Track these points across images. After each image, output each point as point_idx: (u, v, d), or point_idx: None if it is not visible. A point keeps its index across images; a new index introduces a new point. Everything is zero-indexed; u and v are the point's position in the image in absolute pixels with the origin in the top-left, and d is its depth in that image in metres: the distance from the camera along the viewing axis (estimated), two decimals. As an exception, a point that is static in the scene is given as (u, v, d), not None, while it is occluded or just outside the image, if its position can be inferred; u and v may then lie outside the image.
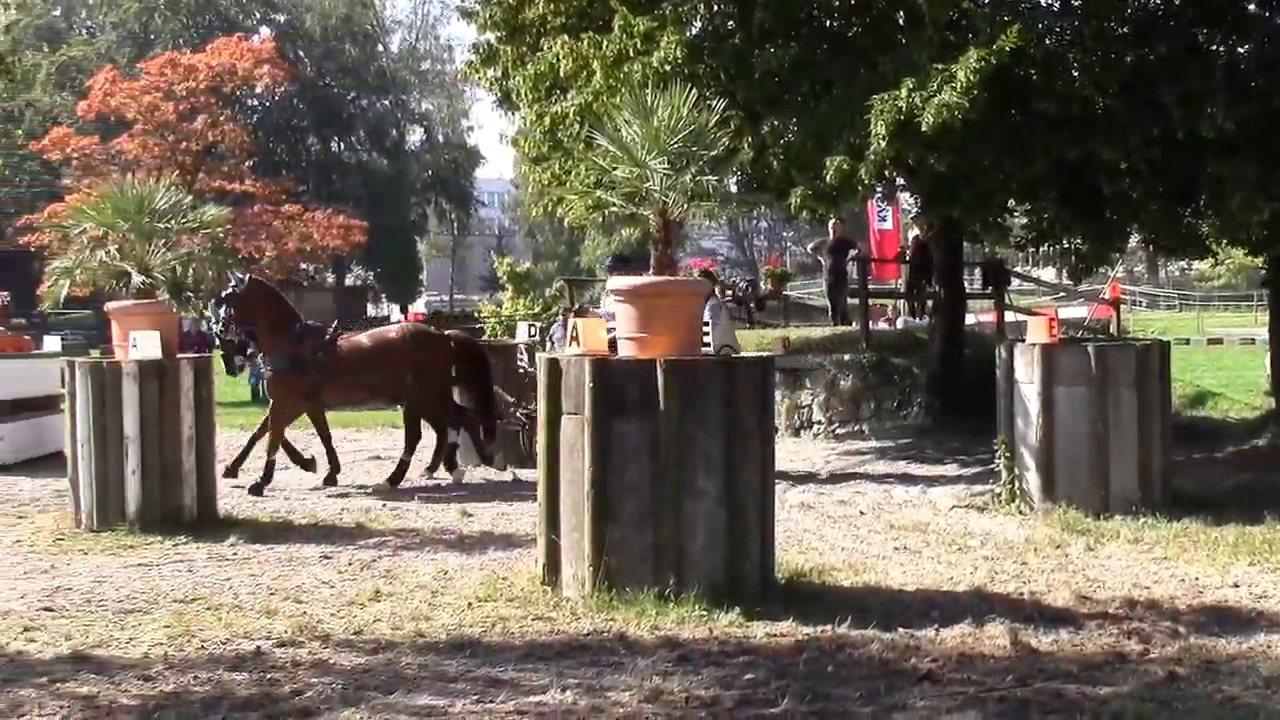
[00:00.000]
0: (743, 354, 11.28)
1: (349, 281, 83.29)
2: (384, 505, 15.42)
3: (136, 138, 50.12)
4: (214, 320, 17.09)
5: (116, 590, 10.90)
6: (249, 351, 17.63)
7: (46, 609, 10.21)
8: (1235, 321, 50.32)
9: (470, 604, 9.97)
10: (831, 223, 26.08)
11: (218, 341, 17.85)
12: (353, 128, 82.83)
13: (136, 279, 14.48)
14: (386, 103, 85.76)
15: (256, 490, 16.31)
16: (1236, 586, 10.65)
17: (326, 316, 22.03)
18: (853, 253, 27.16)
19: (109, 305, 14.72)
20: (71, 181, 50.32)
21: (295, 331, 16.97)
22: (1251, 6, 17.78)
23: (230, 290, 16.46)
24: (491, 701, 7.53)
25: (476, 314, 41.06)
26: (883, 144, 15.01)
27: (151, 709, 7.52)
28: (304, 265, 59.30)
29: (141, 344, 13.88)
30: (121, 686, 8.00)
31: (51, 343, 24.83)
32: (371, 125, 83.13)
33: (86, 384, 13.90)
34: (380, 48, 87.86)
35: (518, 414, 18.34)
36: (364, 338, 17.62)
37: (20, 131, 57.58)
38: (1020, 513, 14.09)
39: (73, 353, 22.40)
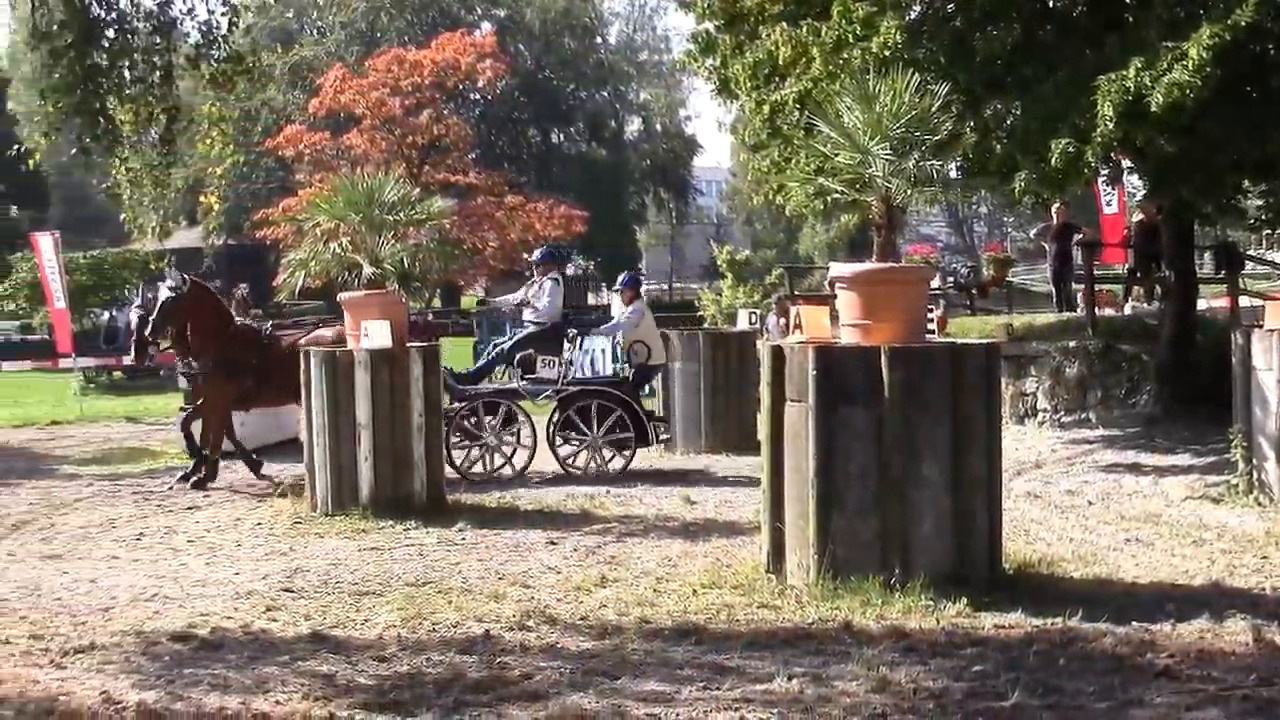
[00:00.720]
0: (971, 341, 11.07)
1: (569, 271, 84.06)
2: (608, 492, 15.50)
3: (365, 133, 51.25)
4: (139, 319, 17.35)
5: (351, 573, 11.18)
6: None
7: (286, 590, 10.51)
8: None
9: (695, 591, 9.98)
10: (1055, 207, 25.56)
11: (134, 337, 17.95)
12: (572, 119, 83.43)
13: (368, 270, 14.76)
14: (605, 94, 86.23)
15: (200, 485, 16.60)
16: None
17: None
18: (1077, 237, 26.55)
19: (342, 296, 15.03)
20: (304, 177, 51.61)
21: (229, 334, 17.04)
22: None
23: (171, 293, 16.65)
24: (718, 689, 7.52)
25: (696, 302, 41.18)
26: (1109, 125, 14.60)
27: (387, 689, 7.68)
28: (525, 255, 59.90)
29: (373, 333, 14.15)
30: (358, 666, 8.19)
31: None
32: (590, 116, 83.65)
33: (321, 373, 14.22)
34: (598, 40, 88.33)
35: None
36: (301, 339, 17.09)
37: (258, 129, 59.12)
38: (1259, 504, 13.57)
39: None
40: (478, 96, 75.98)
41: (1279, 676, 7.70)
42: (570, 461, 17.19)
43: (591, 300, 79.43)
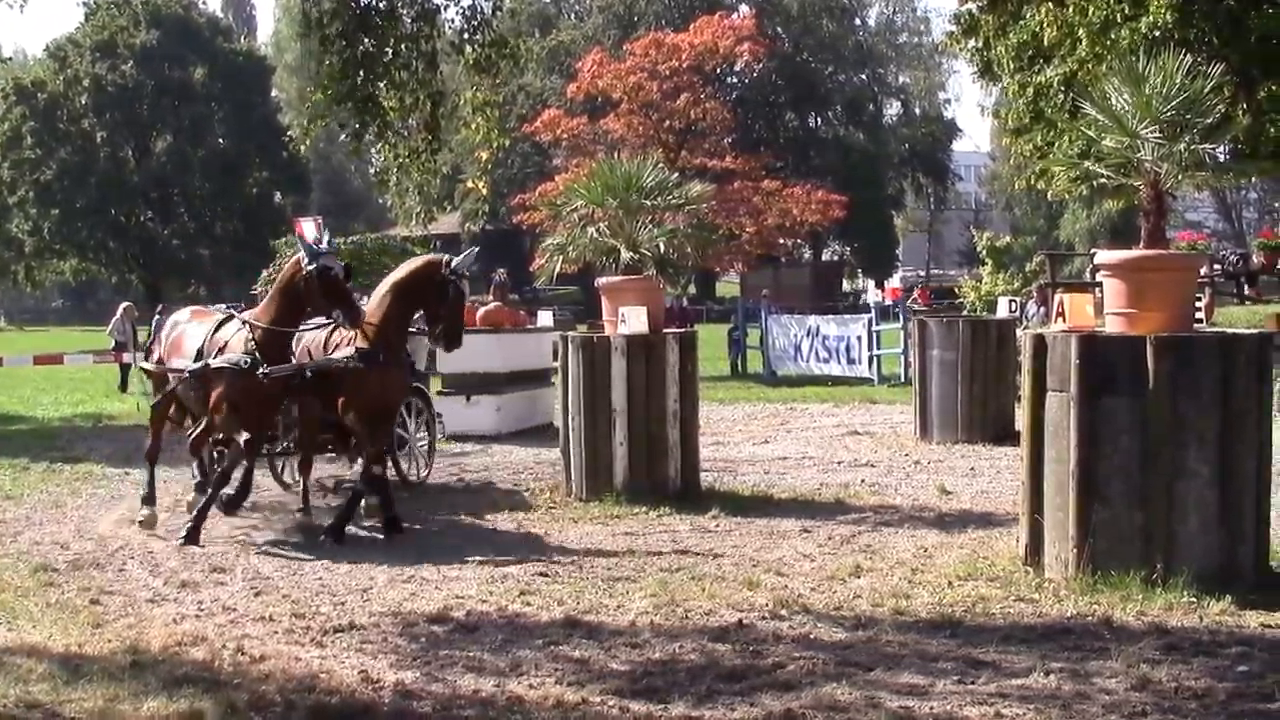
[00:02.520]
0: (1241, 331, 10.79)
1: (825, 256, 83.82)
2: (862, 481, 15.47)
3: (622, 117, 51.66)
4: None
5: (605, 558, 11.33)
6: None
7: (541, 574, 10.70)
8: None
9: (950, 583, 9.93)
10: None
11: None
12: (829, 102, 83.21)
13: (625, 255, 14.91)
14: (863, 77, 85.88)
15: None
16: None
17: (802, 292, 22.12)
18: None
19: (599, 281, 15.21)
20: (561, 161, 52.36)
21: None
22: None
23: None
24: (973, 682, 7.49)
25: (957, 289, 40.74)
26: (1393, 105, 14.11)
27: (640, 675, 7.79)
28: (782, 240, 59.92)
29: (630, 319, 14.30)
30: (612, 652, 8.32)
31: (544, 318, 25.84)
32: (848, 100, 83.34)
33: (578, 358, 14.43)
34: (857, 22, 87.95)
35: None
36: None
37: (516, 114, 60.17)
38: None
39: (564, 328, 23.33)
40: (735, 80, 76.38)
41: None
42: None
43: (846, 287, 79.16)
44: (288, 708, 7.39)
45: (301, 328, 13.09)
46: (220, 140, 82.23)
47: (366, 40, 12.53)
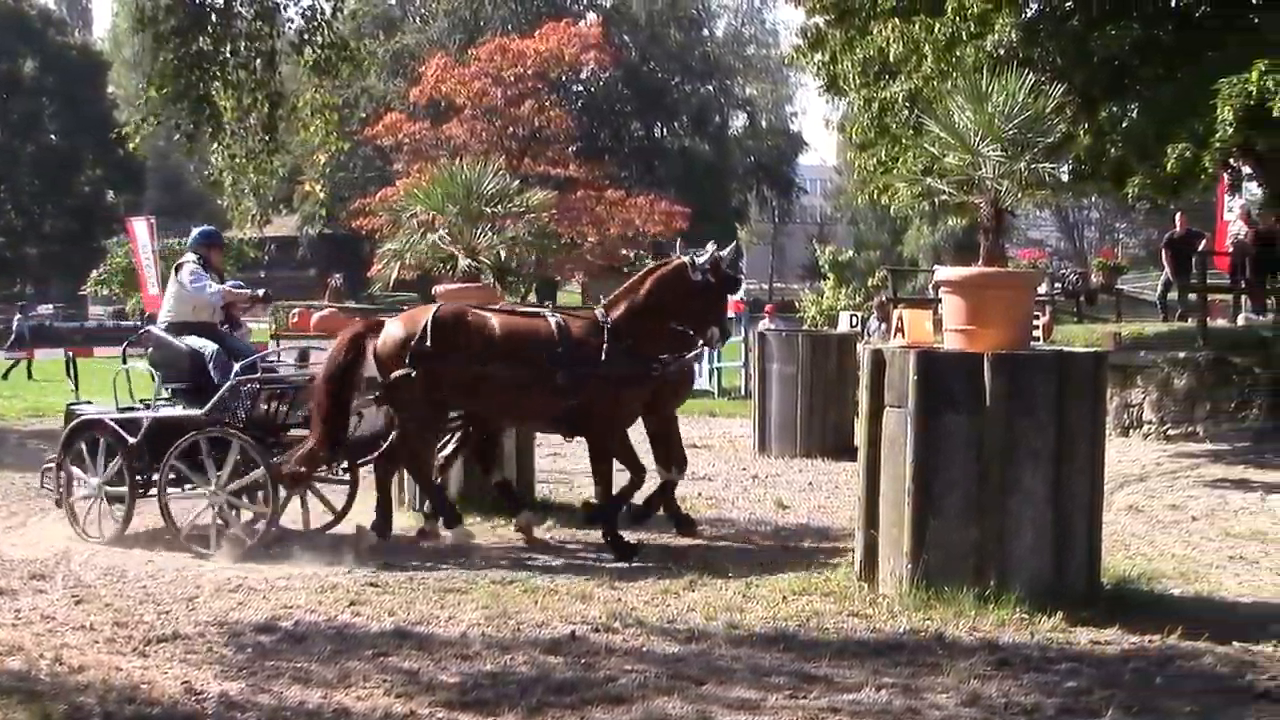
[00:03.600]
0: (1077, 349, 11.01)
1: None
2: (699, 495, 15.50)
3: (465, 123, 51.57)
4: None
5: (437, 569, 11.28)
6: None
7: (372, 584, 10.63)
8: None
9: (785, 597, 10.00)
10: (1177, 214, 25.32)
11: None
12: (676, 113, 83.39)
13: (463, 262, 14.84)
14: (710, 88, 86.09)
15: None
16: None
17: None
18: (1202, 244, 26.23)
19: (437, 288, 15.13)
20: (402, 166, 52.04)
21: None
22: None
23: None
24: (805, 697, 7.53)
25: (796, 304, 41.11)
26: (1229, 130, 14.46)
27: (470, 687, 7.73)
28: (624, 251, 60.09)
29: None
30: (442, 663, 8.27)
31: (379, 323, 25.56)
32: (694, 110, 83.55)
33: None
34: (705, 32, 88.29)
35: None
36: None
37: (361, 116, 59.68)
38: (1372, 525, 13.44)
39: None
40: (581, 88, 76.27)
41: (1386, 703, 7.61)
42: None
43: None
44: (107, 719, 7.23)
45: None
46: (52, 136, 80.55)
47: (202, 38, 12.36)
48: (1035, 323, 11.02)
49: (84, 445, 12.73)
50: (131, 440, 12.38)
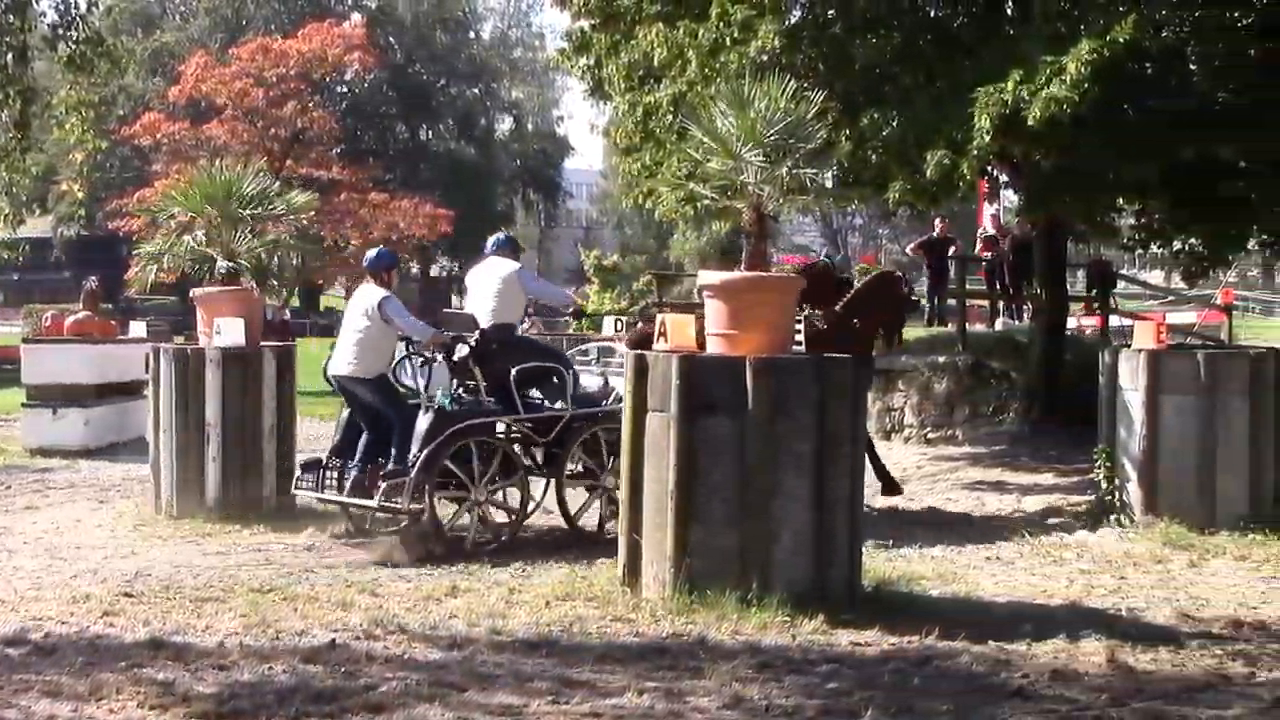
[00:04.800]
0: (838, 354, 11.19)
1: (434, 272, 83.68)
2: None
3: (226, 123, 50.81)
4: None
5: (194, 578, 11.05)
6: None
7: (126, 594, 10.35)
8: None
9: (548, 602, 9.98)
10: (937, 220, 25.88)
11: None
12: (441, 116, 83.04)
13: (222, 265, 14.62)
14: (476, 91, 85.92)
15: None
16: (1349, 607, 10.48)
17: (410, 307, 22.00)
18: (952, 250, 26.83)
19: (194, 291, 14.88)
20: (161, 167, 51.02)
21: None
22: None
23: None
24: (567, 702, 7.52)
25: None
26: (986, 138, 14.78)
27: (227, 697, 7.57)
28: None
29: (226, 331, 14.01)
30: (198, 674, 8.07)
31: (137, 328, 25.08)
32: (460, 113, 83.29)
33: (170, 370, 14.08)
34: (471, 35, 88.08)
35: None
36: None
37: (119, 114, 58.24)
38: (1120, 525, 13.89)
39: (159, 339, 22.71)
40: (345, 89, 75.51)
41: (1131, 698, 7.88)
42: None
43: (455, 303, 79.00)
44: None
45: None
46: None
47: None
48: (798, 328, 11.14)
49: None
50: None
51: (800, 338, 11.68)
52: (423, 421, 12.59)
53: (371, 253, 13.96)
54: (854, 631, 9.17)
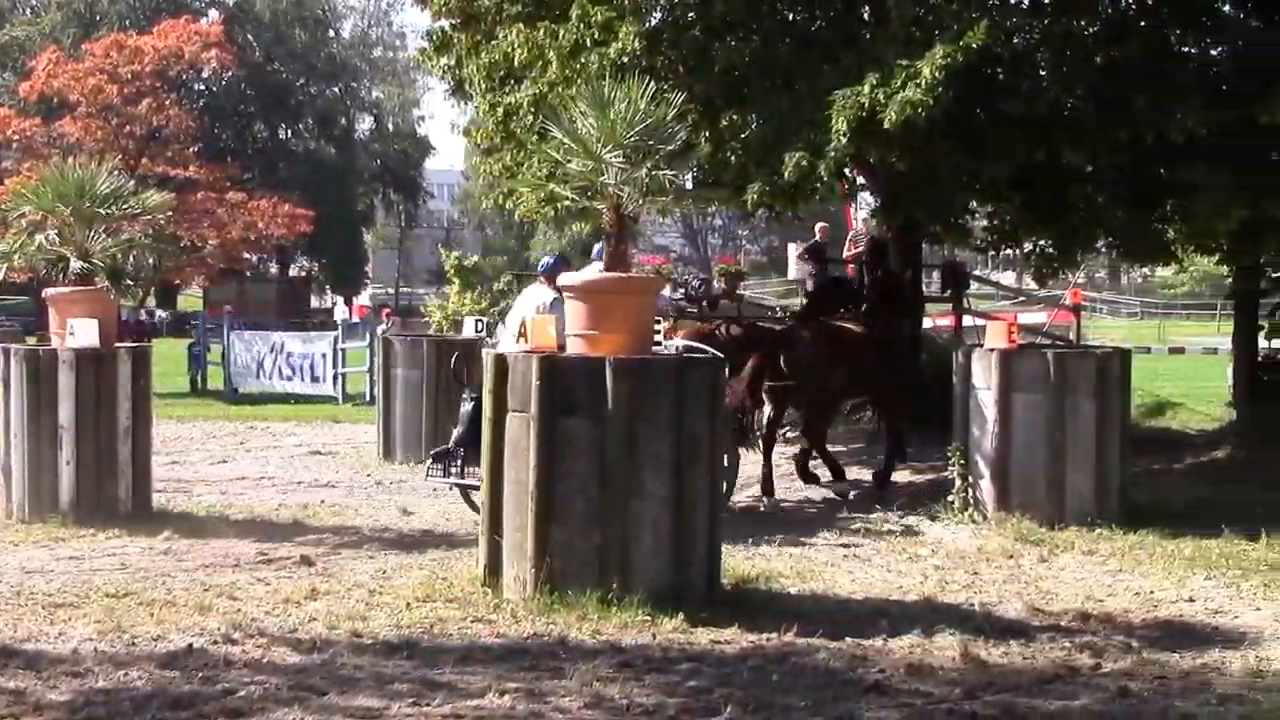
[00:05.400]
0: (698, 355, 11.25)
1: (293, 272, 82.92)
2: (322, 502, 15.35)
3: (79, 120, 49.96)
4: None
5: (47, 583, 10.81)
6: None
7: (-26, 601, 10.13)
8: (1198, 330, 50.67)
9: (409, 604, 9.92)
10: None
11: None
12: (300, 114, 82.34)
13: (75, 264, 14.36)
14: (336, 90, 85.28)
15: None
16: (1192, 600, 10.74)
17: (269, 307, 21.77)
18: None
19: (47, 291, 14.62)
20: (12, 164, 50.02)
21: None
22: (1227, 7, 17.71)
23: None
24: (429, 704, 7.50)
25: (423, 308, 40.98)
26: (843, 141, 14.92)
27: (81, 705, 7.46)
28: (247, 254, 59.14)
29: (79, 332, 13.78)
30: (50, 682, 7.93)
31: (-14, 328, 24.61)
32: (320, 112, 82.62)
33: (21, 371, 13.81)
34: (331, 33, 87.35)
35: None
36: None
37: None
38: (973, 521, 14.11)
39: (11, 339, 22.27)
40: (202, 87, 74.67)
41: (983, 690, 8.04)
42: None
43: (315, 303, 78.34)
44: None
45: None
46: None
47: None
48: (657, 328, 11.18)
49: None
50: None
51: None
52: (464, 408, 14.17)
53: (547, 259, 15.77)
54: (714, 630, 9.22)
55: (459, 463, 14.00)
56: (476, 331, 22.26)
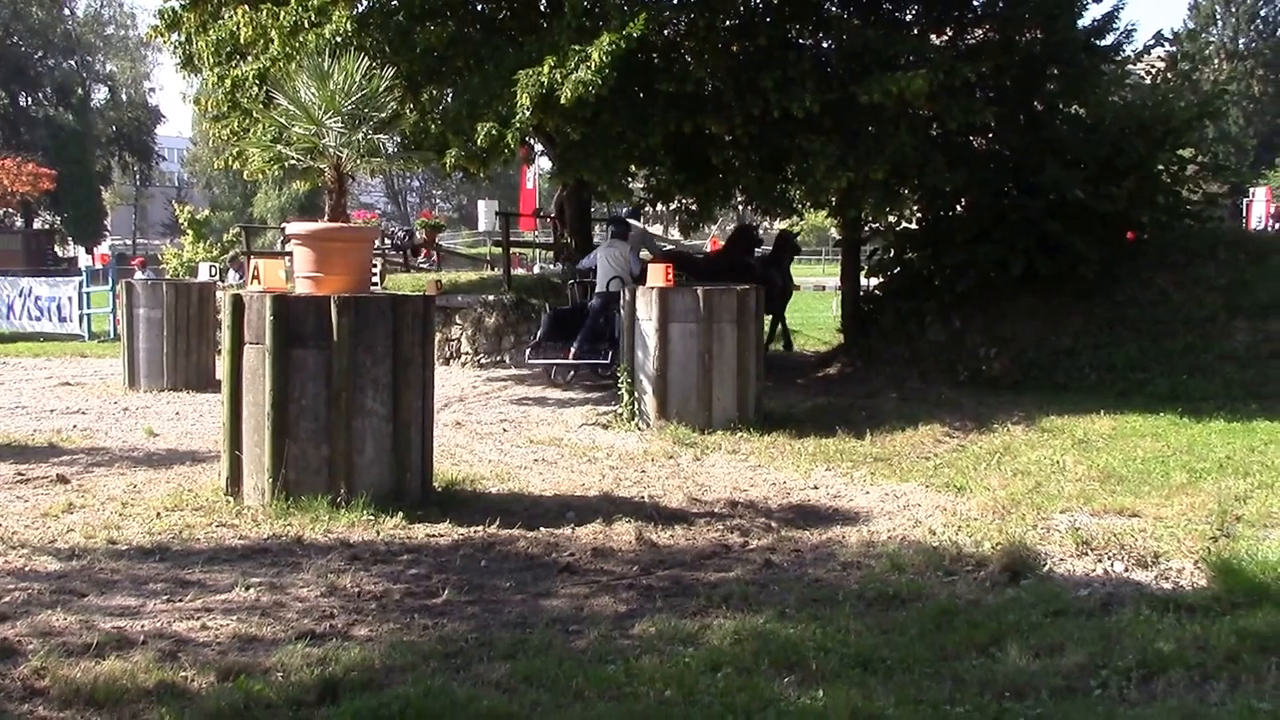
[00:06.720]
0: (408, 293, 11.08)
1: (37, 225, 79.09)
2: (74, 427, 14.65)
3: None
4: None
5: None
6: None
7: None
8: (808, 272, 52.06)
9: (159, 513, 9.55)
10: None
11: None
12: (39, 84, 78.54)
13: None
14: (73, 63, 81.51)
15: None
16: (816, 488, 11.08)
17: (15, 257, 20.66)
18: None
19: None
20: None
21: None
22: (834, 7, 18.34)
23: None
24: (181, 600, 7.24)
25: (160, 256, 39.58)
26: (527, 113, 14.89)
27: None
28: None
29: None
30: None
31: None
32: (58, 83, 78.89)
33: None
34: (66, 11, 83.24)
35: None
36: None
37: None
38: (639, 429, 14.32)
39: None
40: (-57, 57, 70.41)
41: (656, 567, 8.17)
42: None
43: (60, 253, 74.85)
44: None
45: None
46: None
47: None
48: (374, 271, 11.00)
49: None
50: None
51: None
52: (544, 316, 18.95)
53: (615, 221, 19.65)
54: (429, 526, 9.16)
55: (543, 349, 18.05)
56: (211, 276, 21.58)
